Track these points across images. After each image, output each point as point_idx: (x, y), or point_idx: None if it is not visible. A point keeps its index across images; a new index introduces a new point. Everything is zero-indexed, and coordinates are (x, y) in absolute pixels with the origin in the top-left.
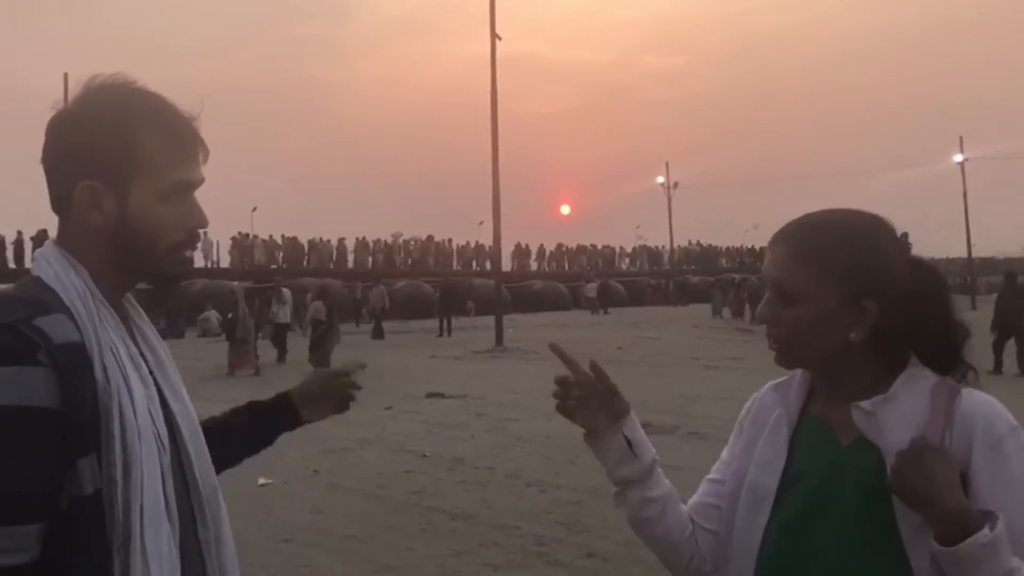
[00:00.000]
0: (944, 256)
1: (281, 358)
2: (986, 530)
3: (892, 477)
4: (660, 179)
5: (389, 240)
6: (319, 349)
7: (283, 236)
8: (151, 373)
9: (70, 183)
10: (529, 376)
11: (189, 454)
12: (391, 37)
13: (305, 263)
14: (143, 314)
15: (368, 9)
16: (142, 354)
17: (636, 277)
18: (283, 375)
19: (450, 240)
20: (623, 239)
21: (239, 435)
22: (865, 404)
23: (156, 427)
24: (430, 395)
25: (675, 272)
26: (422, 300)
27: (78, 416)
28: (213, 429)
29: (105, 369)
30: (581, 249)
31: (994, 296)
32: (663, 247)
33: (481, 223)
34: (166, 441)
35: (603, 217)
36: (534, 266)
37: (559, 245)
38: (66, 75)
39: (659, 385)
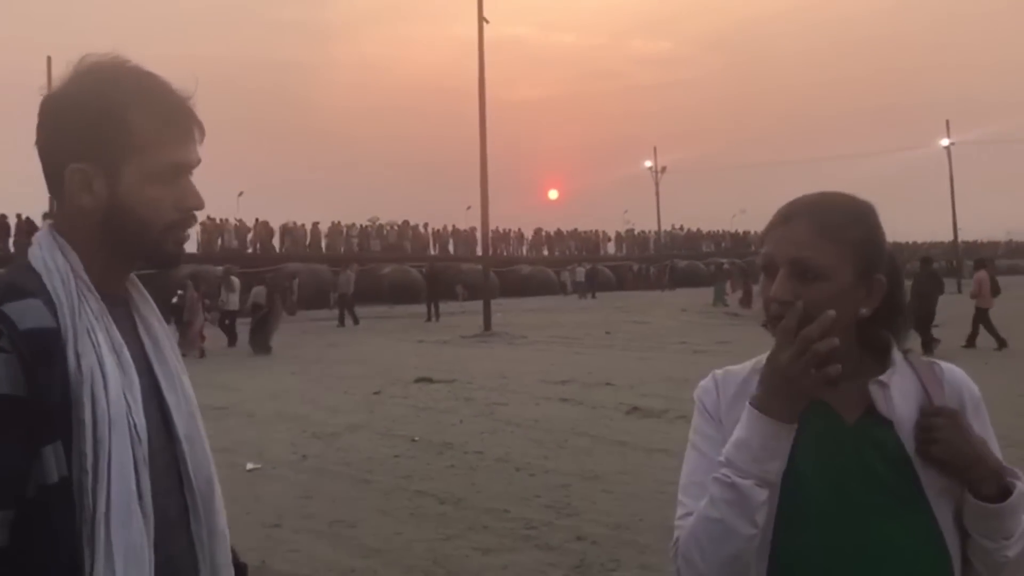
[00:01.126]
0: (930, 240)
1: (231, 343)
2: (1019, 483)
3: (936, 445)
4: (648, 163)
5: (366, 224)
6: (259, 332)
7: (256, 220)
8: (149, 362)
9: (61, 165)
10: (517, 361)
11: (183, 446)
12: (373, 19)
13: (279, 248)
14: (150, 301)
15: None
16: (141, 342)
17: (623, 262)
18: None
19: (426, 224)
20: (611, 223)
21: None
22: (883, 378)
23: (132, 418)
24: (418, 380)
25: (662, 256)
26: (409, 285)
27: (44, 403)
28: None
29: (79, 356)
30: (560, 235)
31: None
32: (649, 231)
33: (469, 208)
34: (142, 432)
35: (591, 201)
36: (512, 251)
37: (538, 230)
38: (49, 58)
39: (647, 369)
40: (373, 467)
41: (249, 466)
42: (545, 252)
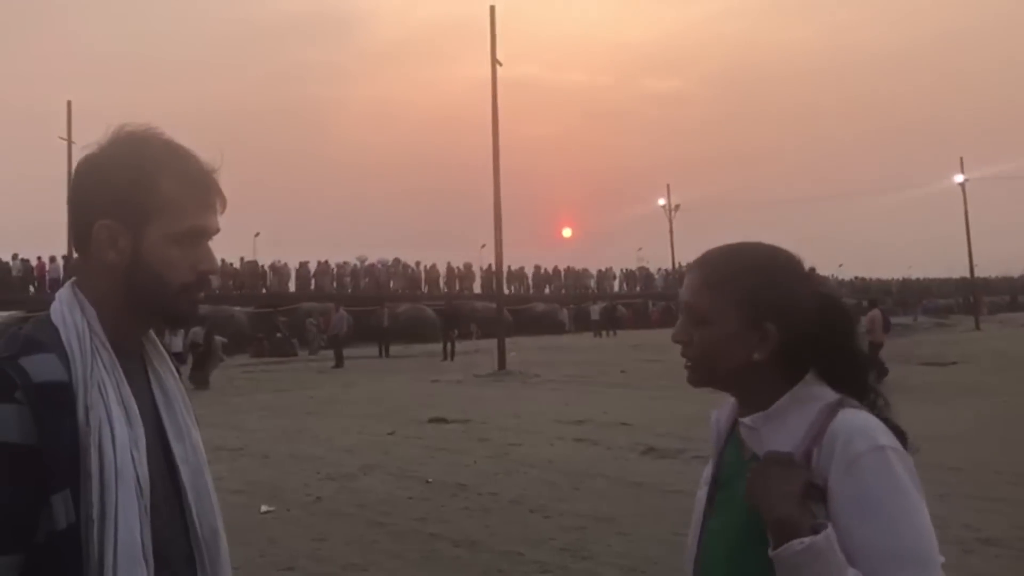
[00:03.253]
0: (946, 276)
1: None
2: (804, 539)
3: (746, 487)
4: (661, 201)
5: (356, 263)
6: (199, 369)
7: (241, 259)
8: (159, 415)
9: (90, 221)
10: (532, 400)
11: (189, 497)
12: (388, 60)
13: (264, 288)
14: (164, 356)
15: (366, 32)
16: (152, 395)
17: (636, 299)
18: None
19: (418, 263)
20: (625, 261)
21: None
22: (747, 420)
23: (136, 470)
24: (432, 420)
25: (672, 294)
26: (424, 323)
27: (54, 453)
28: None
29: (88, 408)
30: (557, 272)
31: (998, 316)
32: (658, 269)
33: (483, 246)
34: (145, 484)
35: (605, 239)
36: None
37: (536, 267)
38: (69, 103)
39: (662, 408)
40: (387, 509)
41: (263, 508)
42: (547, 290)
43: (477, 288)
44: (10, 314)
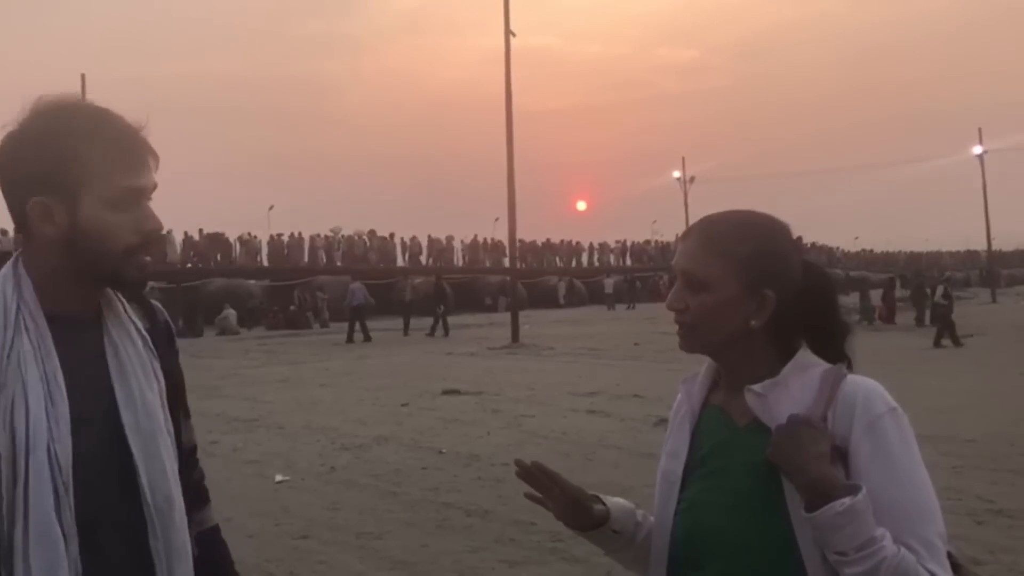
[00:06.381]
0: (964, 248)
1: None
2: (845, 499)
3: (770, 448)
4: (676, 174)
5: (329, 235)
6: None
7: (200, 231)
8: (110, 383)
9: (23, 200)
10: (545, 372)
11: (137, 465)
12: (401, 31)
13: (233, 259)
14: (126, 323)
15: (377, 3)
16: (106, 363)
17: (649, 272)
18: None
19: (392, 234)
20: (640, 234)
21: None
22: (756, 387)
23: (52, 446)
24: (446, 392)
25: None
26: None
27: None
28: None
29: (1, 386)
30: (549, 245)
31: (1016, 289)
32: (656, 241)
33: (497, 219)
34: (65, 460)
35: (619, 212)
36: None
37: (521, 241)
38: (83, 75)
39: (674, 381)
40: (400, 479)
41: (278, 478)
42: (546, 263)
43: (457, 261)
44: None
